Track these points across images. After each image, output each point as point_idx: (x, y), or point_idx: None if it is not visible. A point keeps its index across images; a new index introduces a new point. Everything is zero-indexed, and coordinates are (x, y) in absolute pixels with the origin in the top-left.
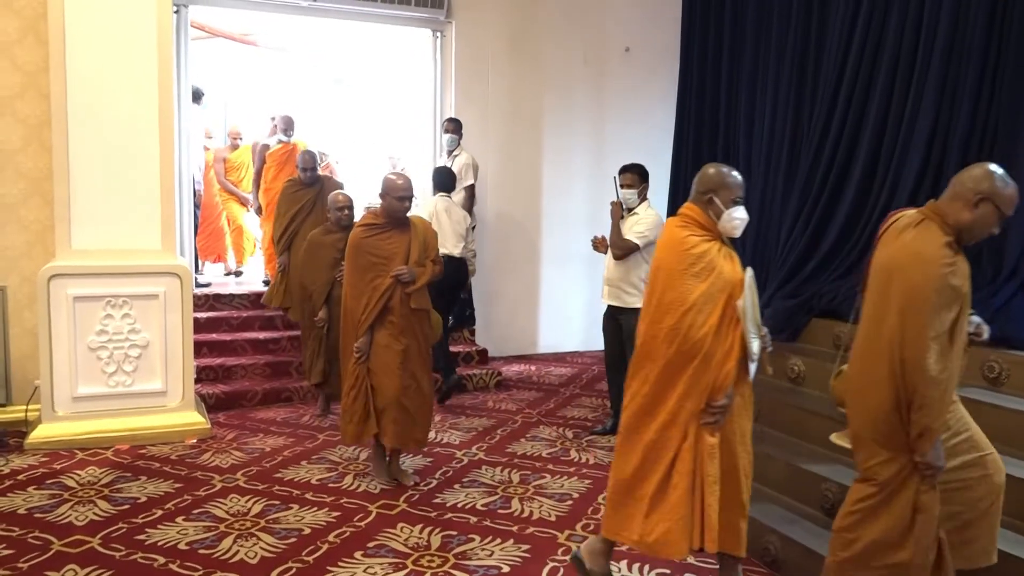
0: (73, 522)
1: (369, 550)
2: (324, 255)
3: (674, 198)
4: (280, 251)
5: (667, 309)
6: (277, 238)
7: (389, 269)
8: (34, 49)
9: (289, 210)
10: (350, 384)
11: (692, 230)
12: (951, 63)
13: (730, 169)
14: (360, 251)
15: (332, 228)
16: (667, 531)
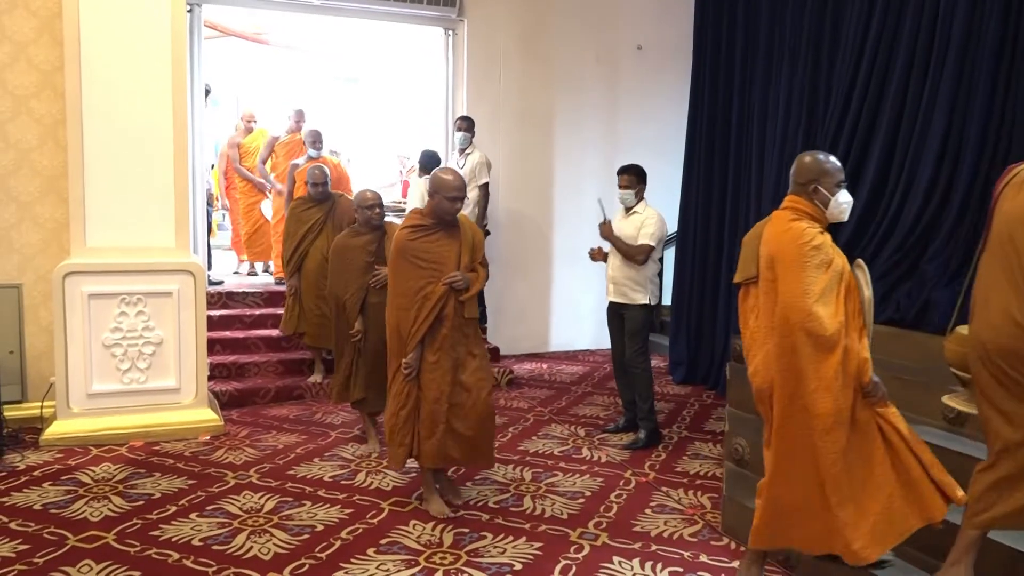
0: (88, 518)
1: (382, 547)
2: (354, 259)
3: (687, 196)
4: (290, 273)
5: (791, 303)
6: (286, 259)
7: (440, 275)
8: (49, 48)
9: (298, 230)
10: (399, 404)
11: (808, 222)
12: (966, 58)
13: (826, 155)
14: (407, 255)
15: (361, 229)
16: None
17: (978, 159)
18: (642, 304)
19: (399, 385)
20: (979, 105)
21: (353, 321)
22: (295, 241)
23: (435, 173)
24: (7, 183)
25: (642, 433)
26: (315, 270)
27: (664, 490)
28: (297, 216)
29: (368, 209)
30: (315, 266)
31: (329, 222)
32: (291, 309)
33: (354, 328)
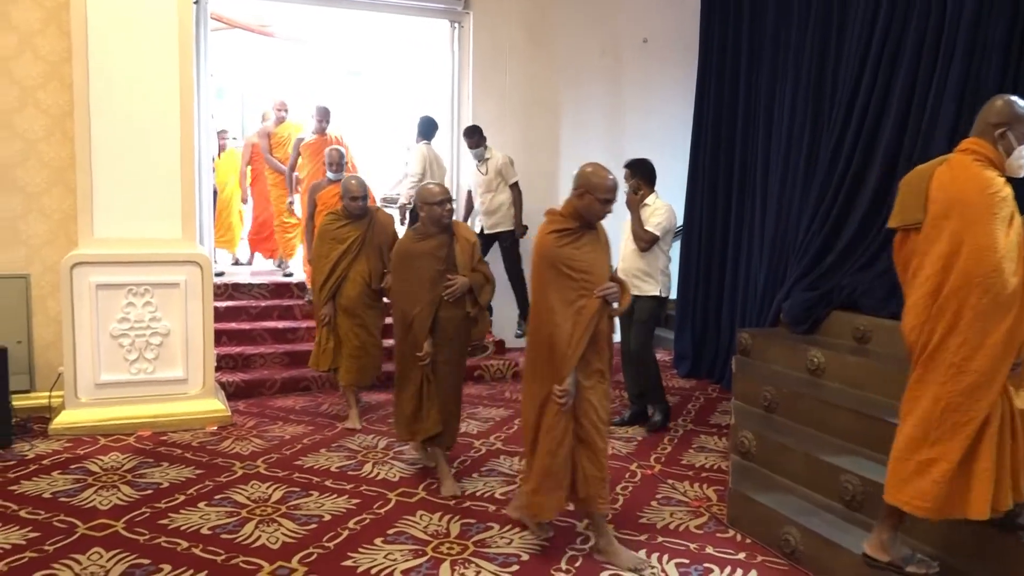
0: (97, 506)
1: (389, 537)
2: (423, 268)
3: (692, 189)
4: (324, 301)
5: (976, 256)
6: (318, 285)
7: (592, 285)
8: (56, 40)
9: (332, 251)
10: (555, 441)
11: (994, 170)
12: (973, 56)
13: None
14: (556, 264)
15: (427, 230)
16: None
17: None
18: (652, 295)
19: (552, 418)
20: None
21: (422, 341)
22: (329, 264)
23: (584, 168)
24: (14, 174)
25: (657, 416)
26: (356, 298)
27: (670, 482)
28: (331, 235)
29: (437, 206)
30: (356, 293)
31: (368, 241)
32: (324, 342)
33: (423, 350)
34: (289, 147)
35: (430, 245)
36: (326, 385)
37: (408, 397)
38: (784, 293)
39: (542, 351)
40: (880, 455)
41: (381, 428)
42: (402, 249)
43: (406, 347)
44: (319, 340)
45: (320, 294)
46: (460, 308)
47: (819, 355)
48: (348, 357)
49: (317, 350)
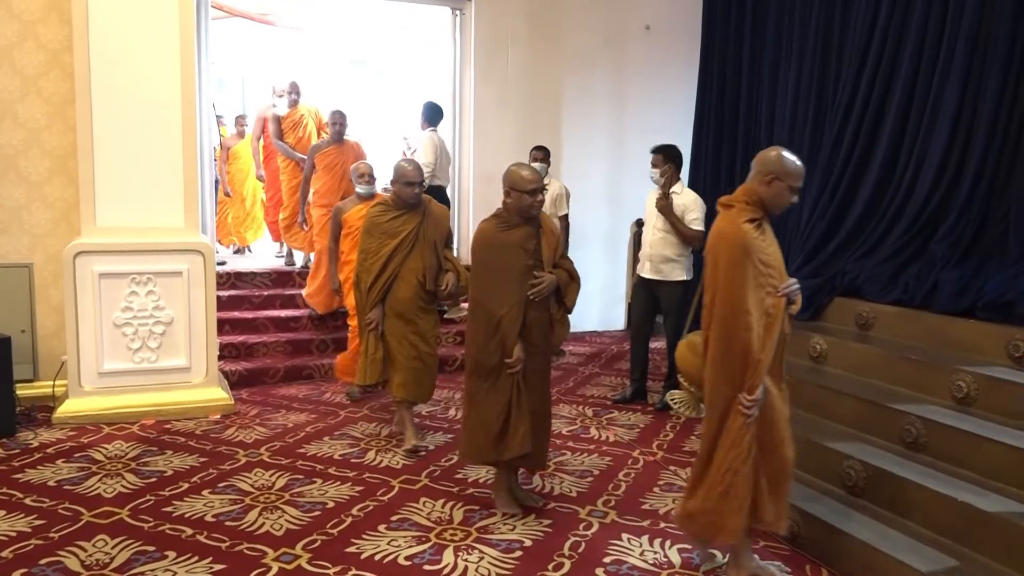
0: (102, 494)
1: (392, 523)
2: (512, 262)
3: (695, 177)
4: (373, 303)
5: None
6: (366, 285)
7: (776, 282)
8: (57, 28)
9: (382, 247)
10: (740, 456)
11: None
12: (979, 39)
13: None
14: (752, 255)
15: (513, 219)
16: None
17: (989, 141)
18: (681, 280)
19: (737, 433)
20: (991, 86)
21: (512, 346)
22: (380, 262)
23: (775, 155)
24: (16, 163)
25: (666, 396)
26: (409, 300)
27: (672, 469)
28: (381, 228)
29: (528, 194)
30: (410, 295)
31: (422, 235)
32: (373, 351)
33: (513, 356)
34: (301, 131)
35: (518, 236)
36: (328, 374)
37: (494, 413)
38: None
39: (731, 357)
40: (883, 441)
41: (384, 416)
42: (486, 240)
43: (488, 354)
44: (365, 349)
45: (368, 296)
46: (545, 310)
47: (822, 342)
48: (403, 369)
49: (364, 361)
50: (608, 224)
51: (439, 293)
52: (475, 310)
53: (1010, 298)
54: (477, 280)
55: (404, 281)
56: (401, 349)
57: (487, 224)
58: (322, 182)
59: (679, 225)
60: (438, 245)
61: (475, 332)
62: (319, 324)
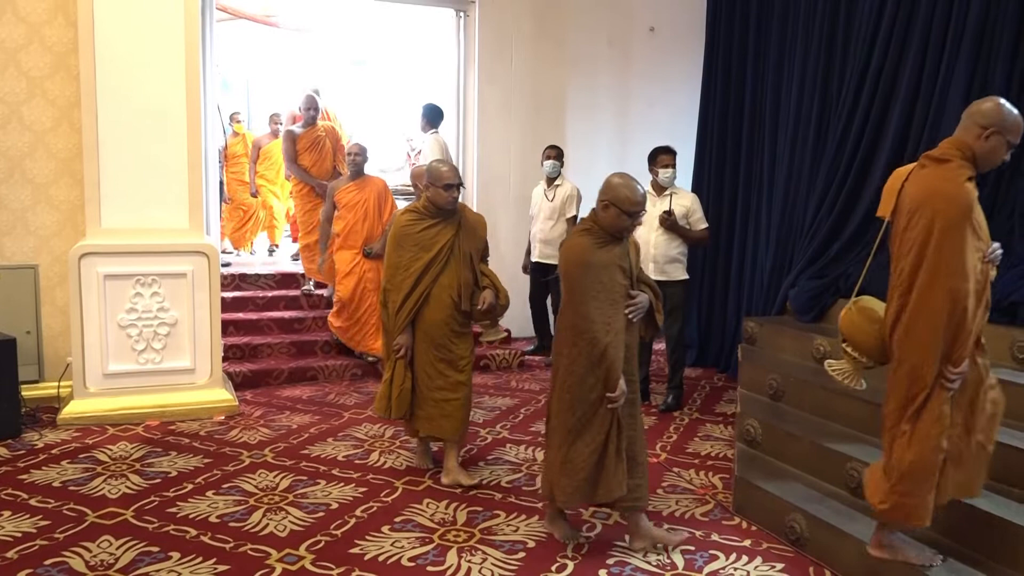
0: (106, 495)
1: (396, 525)
2: (611, 283)
3: (699, 178)
4: (402, 326)
5: None
6: (397, 306)
7: (985, 246)
8: (63, 30)
9: (414, 261)
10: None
11: None
12: (984, 37)
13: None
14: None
15: (604, 236)
16: None
17: None
18: (682, 280)
19: (938, 407)
20: (995, 86)
21: (617, 378)
22: (411, 278)
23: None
24: (23, 165)
25: (671, 399)
26: (442, 323)
27: (676, 470)
28: (413, 239)
29: (629, 216)
30: (443, 317)
31: (456, 249)
32: (401, 380)
33: (616, 389)
34: (317, 151)
35: (615, 254)
36: (333, 375)
37: (589, 452)
38: (790, 281)
39: (940, 328)
40: None
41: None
42: (584, 257)
43: (587, 388)
44: (391, 378)
45: (397, 317)
46: (635, 332)
47: (825, 343)
48: (431, 402)
49: (387, 390)
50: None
51: (474, 313)
52: (575, 339)
53: (1015, 299)
54: (575, 303)
55: (437, 300)
56: (429, 379)
57: (582, 240)
58: (344, 222)
59: (688, 234)
60: (474, 258)
61: (573, 363)
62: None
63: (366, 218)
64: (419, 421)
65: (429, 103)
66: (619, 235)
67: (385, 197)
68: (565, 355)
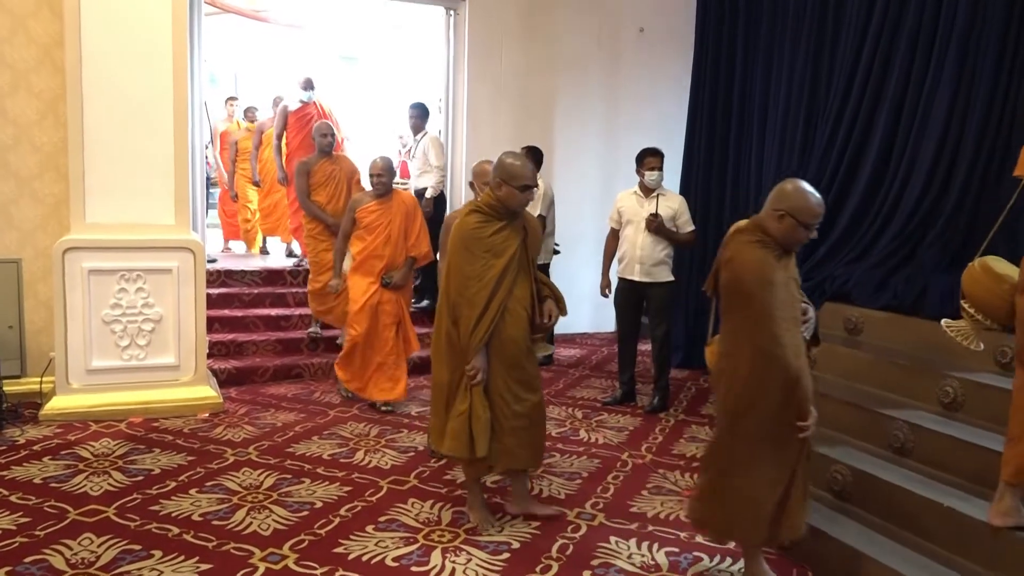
0: (88, 492)
1: (380, 524)
2: (791, 299)
3: (687, 179)
4: (477, 347)
5: None
6: (471, 324)
7: None
8: (49, 22)
9: (487, 269)
10: None
11: None
12: (969, 44)
13: None
14: None
15: (778, 249)
16: None
17: (979, 147)
18: (668, 281)
19: None
20: (981, 92)
21: (808, 405)
22: (486, 290)
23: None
24: (6, 158)
25: (657, 399)
26: (519, 340)
27: (661, 472)
28: (484, 244)
29: (805, 228)
30: (520, 333)
31: (523, 254)
32: (480, 411)
33: (808, 419)
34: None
35: (791, 269)
36: (319, 373)
37: (768, 486)
38: None
39: None
40: (870, 446)
41: (372, 416)
42: (768, 276)
43: (781, 418)
44: (468, 410)
45: (473, 336)
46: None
47: None
48: (508, 432)
49: (464, 425)
50: (599, 225)
51: (537, 326)
52: (767, 363)
53: None
54: (763, 320)
55: (513, 315)
56: (506, 406)
57: (760, 253)
58: (363, 244)
59: (676, 236)
60: (533, 265)
61: (766, 390)
62: (309, 321)
63: (388, 242)
64: (495, 456)
65: (419, 103)
66: (793, 248)
67: (414, 216)
68: (754, 380)
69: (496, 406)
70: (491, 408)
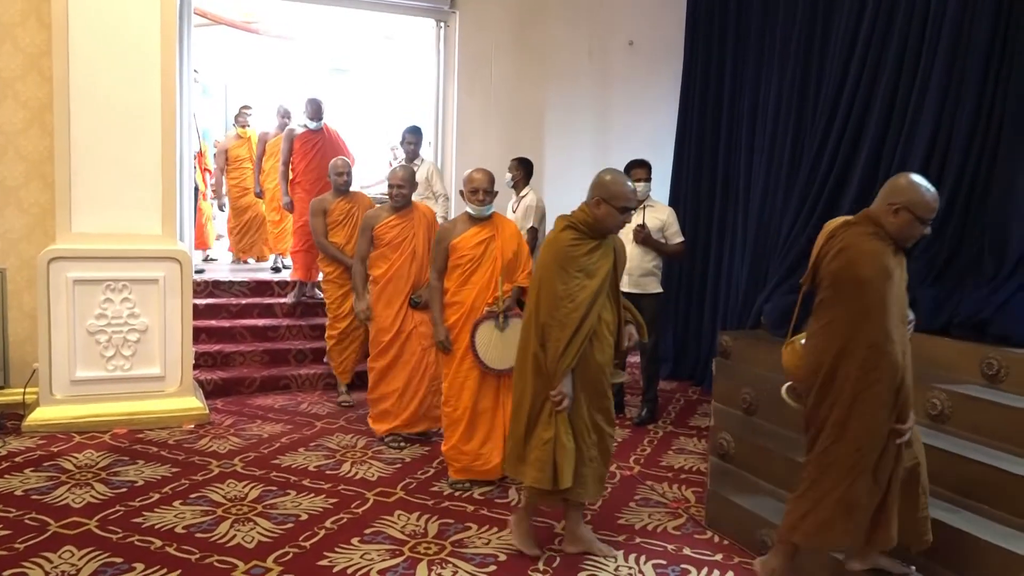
0: (70, 504)
1: (366, 536)
2: (902, 298)
3: (676, 192)
4: (565, 371)
5: None
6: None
7: None
8: (36, 31)
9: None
10: None
11: None
12: (956, 56)
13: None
14: None
15: (893, 244)
16: None
17: (965, 159)
18: (656, 293)
19: None
20: (968, 104)
21: (911, 406)
22: (579, 312)
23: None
24: None
25: (645, 411)
26: (605, 366)
27: (649, 484)
28: (579, 264)
29: (923, 223)
30: (606, 359)
31: (614, 276)
32: (565, 439)
33: (908, 421)
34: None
35: (904, 266)
36: (306, 384)
37: (866, 490)
38: (765, 295)
39: None
40: None
41: (360, 427)
42: (888, 267)
43: (883, 421)
44: (553, 438)
45: (562, 360)
46: None
47: None
48: (586, 462)
49: (547, 454)
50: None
51: (618, 353)
52: (878, 360)
53: (984, 316)
54: (877, 313)
55: (601, 339)
56: (587, 435)
57: (878, 245)
58: (387, 264)
59: (664, 248)
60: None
61: (874, 391)
62: (297, 332)
63: (414, 259)
64: (573, 488)
65: (417, 127)
66: (907, 243)
67: (434, 228)
68: (863, 383)
69: (578, 435)
70: (579, 441)
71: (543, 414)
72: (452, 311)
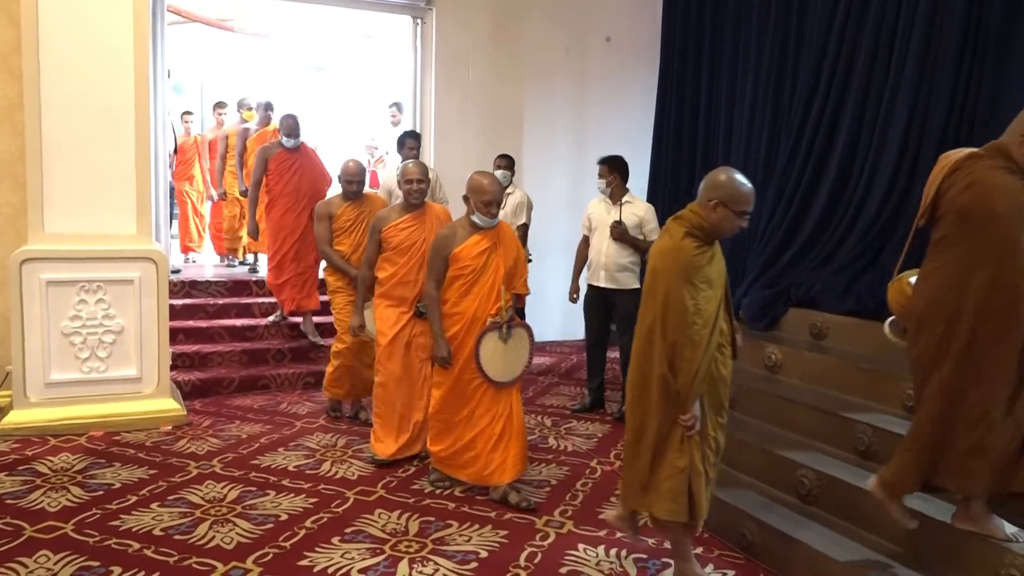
0: (46, 508)
1: (346, 535)
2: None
3: (654, 187)
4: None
5: None
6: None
7: None
8: (5, 28)
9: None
10: None
11: None
12: (928, 51)
13: None
14: None
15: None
16: None
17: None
18: (633, 288)
19: None
20: (941, 98)
21: None
22: (709, 324)
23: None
24: None
25: (624, 405)
26: (729, 381)
27: None
28: (703, 273)
29: None
30: (729, 373)
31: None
32: (700, 467)
33: None
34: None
35: None
36: (285, 384)
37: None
38: (742, 290)
39: None
40: (836, 449)
41: (340, 426)
42: (1021, 203)
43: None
44: (687, 465)
45: (695, 380)
46: None
47: (777, 351)
48: (707, 484)
49: (681, 484)
50: (569, 233)
51: None
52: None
53: None
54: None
55: (725, 354)
56: (713, 455)
57: (1008, 177)
58: (394, 267)
59: (641, 244)
60: None
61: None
62: (275, 332)
63: (422, 265)
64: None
65: (416, 131)
66: None
67: (443, 222)
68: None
69: (703, 457)
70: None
71: (672, 440)
72: (452, 322)
